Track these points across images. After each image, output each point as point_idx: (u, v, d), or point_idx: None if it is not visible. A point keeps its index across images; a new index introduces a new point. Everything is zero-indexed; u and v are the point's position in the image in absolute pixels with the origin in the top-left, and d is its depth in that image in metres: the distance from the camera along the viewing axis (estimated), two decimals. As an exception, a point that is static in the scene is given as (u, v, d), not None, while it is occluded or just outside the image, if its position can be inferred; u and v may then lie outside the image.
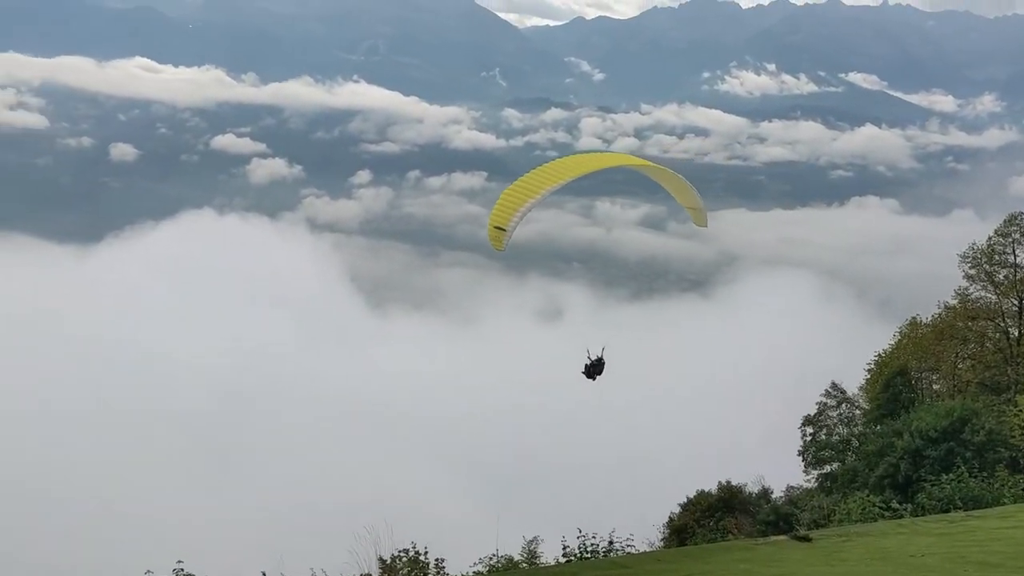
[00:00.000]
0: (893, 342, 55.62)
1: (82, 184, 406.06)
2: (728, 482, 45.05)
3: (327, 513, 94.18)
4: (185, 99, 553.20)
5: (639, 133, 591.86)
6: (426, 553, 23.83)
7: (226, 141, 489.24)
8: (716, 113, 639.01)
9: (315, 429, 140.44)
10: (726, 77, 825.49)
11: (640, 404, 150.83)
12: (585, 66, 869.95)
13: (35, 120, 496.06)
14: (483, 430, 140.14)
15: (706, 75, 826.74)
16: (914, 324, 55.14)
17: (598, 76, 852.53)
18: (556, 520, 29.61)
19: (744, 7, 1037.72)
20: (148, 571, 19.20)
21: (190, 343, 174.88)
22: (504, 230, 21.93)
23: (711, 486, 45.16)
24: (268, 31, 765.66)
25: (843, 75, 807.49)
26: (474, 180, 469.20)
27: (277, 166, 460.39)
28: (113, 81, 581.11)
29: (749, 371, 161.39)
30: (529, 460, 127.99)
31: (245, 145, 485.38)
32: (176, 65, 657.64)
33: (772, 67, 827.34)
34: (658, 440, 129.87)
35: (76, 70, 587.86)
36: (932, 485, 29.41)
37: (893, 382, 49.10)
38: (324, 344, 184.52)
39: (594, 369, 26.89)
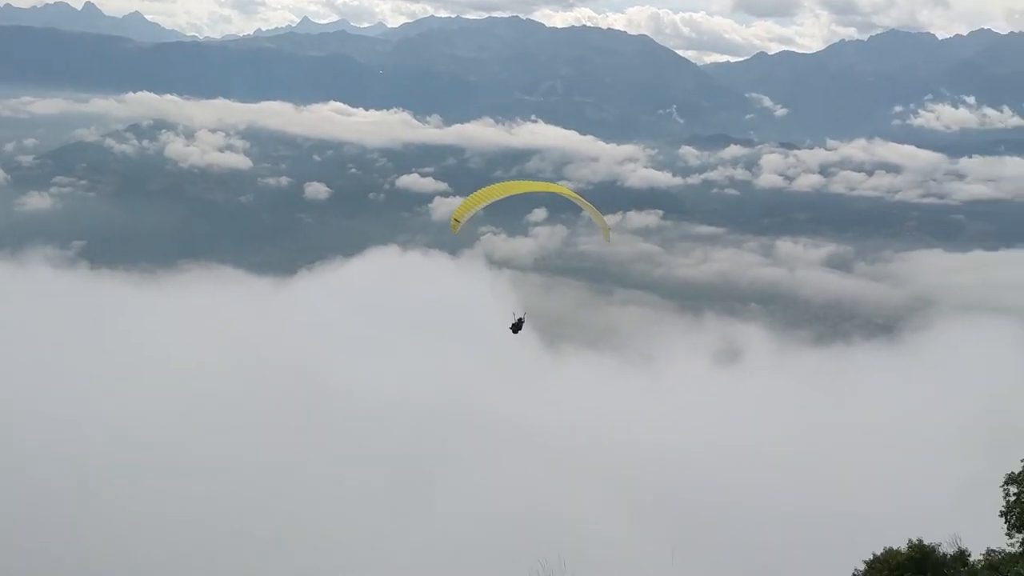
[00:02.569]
0: (1113, 397, 50.67)
1: (279, 220, 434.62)
2: (920, 540, 42.11)
3: (496, 546, 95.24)
4: (374, 140, 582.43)
5: (824, 169, 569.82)
6: (597, 592, 23.66)
7: (410, 180, 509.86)
8: (909, 148, 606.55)
9: (488, 462, 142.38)
10: (920, 111, 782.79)
11: (824, 452, 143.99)
12: (767, 101, 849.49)
13: (240, 160, 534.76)
14: (657, 470, 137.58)
15: (898, 109, 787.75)
16: None
17: (780, 111, 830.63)
18: (733, 568, 28.77)
19: (940, 38, 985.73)
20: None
21: (374, 374, 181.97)
22: (459, 222, 31.52)
23: (901, 544, 42.42)
24: (452, 74, 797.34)
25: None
26: (649, 218, 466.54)
27: (456, 204, 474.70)
28: (309, 124, 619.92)
29: (943, 423, 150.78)
30: (704, 504, 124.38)
31: (428, 184, 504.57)
32: (367, 108, 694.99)
33: (972, 100, 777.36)
34: (842, 491, 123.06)
35: (277, 114, 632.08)
36: None
37: (1113, 441, 44.66)
38: (501, 378, 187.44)
39: (517, 327, 36.03)
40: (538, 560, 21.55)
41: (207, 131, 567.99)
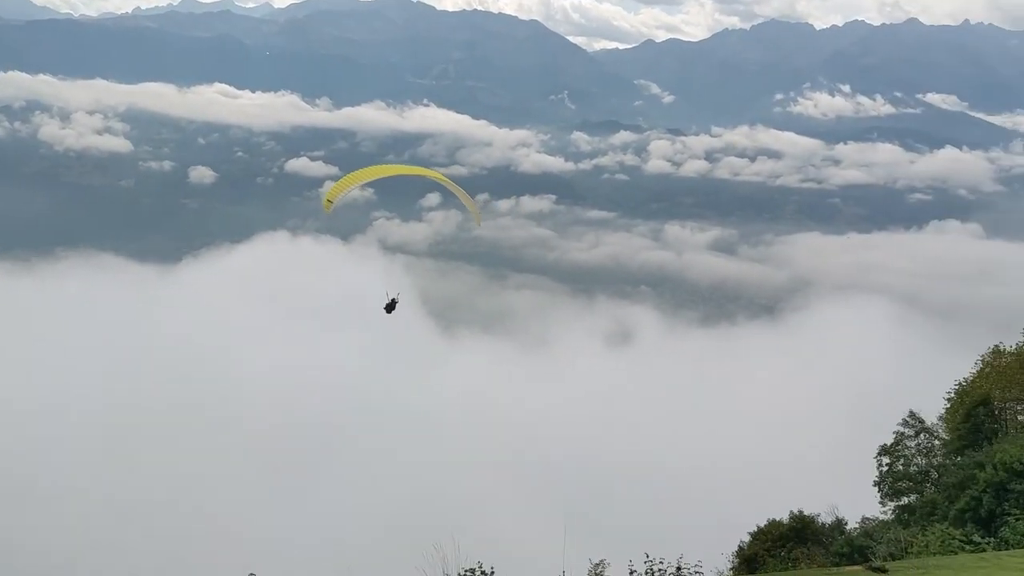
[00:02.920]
0: (975, 371, 53.82)
1: (163, 206, 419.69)
2: (800, 512, 43.95)
3: (394, 531, 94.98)
4: (261, 123, 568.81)
5: (709, 155, 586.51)
6: (492, 573, 23.82)
7: (300, 164, 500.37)
8: (789, 135, 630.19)
9: (383, 446, 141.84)
10: (799, 99, 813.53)
11: (710, 430, 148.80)
12: (655, 88, 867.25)
13: (120, 144, 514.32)
14: (551, 452, 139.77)
15: (779, 97, 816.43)
16: (997, 352, 53.20)
17: (668, 98, 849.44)
18: (623, 543, 29.33)
19: (818, 28, 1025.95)
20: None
21: (263, 362, 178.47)
22: (332, 202, 35.05)
23: (782, 515, 44.16)
24: (342, 57, 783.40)
25: (921, 96, 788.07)
26: (542, 203, 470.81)
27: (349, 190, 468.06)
28: (193, 106, 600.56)
29: (822, 399, 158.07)
30: (596, 482, 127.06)
31: (318, 168, 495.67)
32: (253, 90, 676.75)
33: (847, 88, 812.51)
34: (728, 467, 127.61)
35: (159, 96, 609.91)
36: (1017, 520, 28.30)
37: (975, 412, 47.43)
38: (395, 363, 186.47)
39: (390, 307, 39.47)
40: (432, 543, 21.56)
41: (84, 113, 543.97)
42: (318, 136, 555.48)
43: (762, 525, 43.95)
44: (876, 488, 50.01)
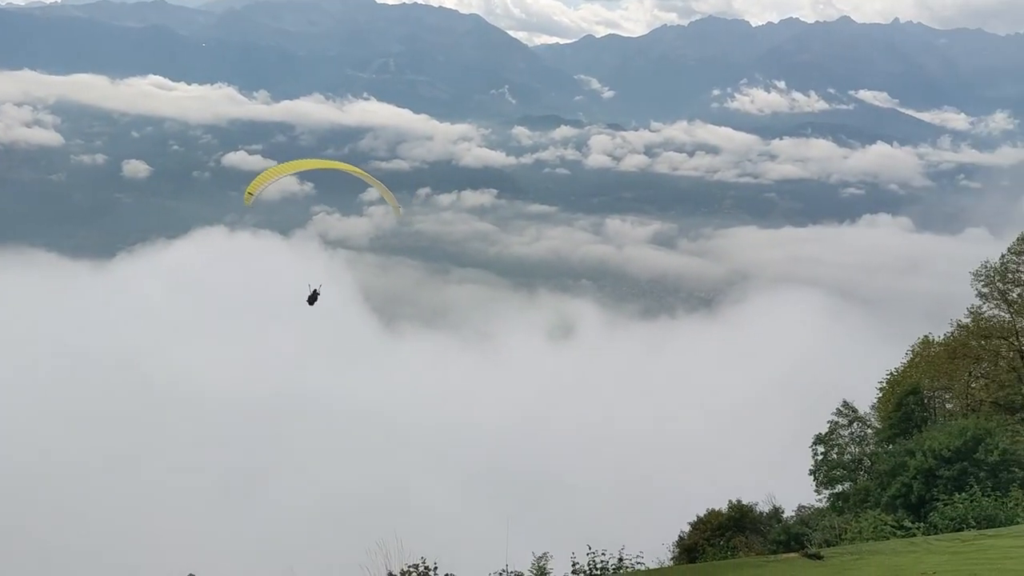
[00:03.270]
0: (905, 361, 55.24)
1: (95, 200, 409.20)
2: (738, 501, 44.73)
3: (336, 528, 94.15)
4: (197, 116, 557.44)
5: (649, 150, 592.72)
6: (435, 569, 23.81)
7: (237, 158, 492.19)
8: (726, 131, 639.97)
9: (326, 444, 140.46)
10: (736, 95, 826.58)
11: (650, 422, 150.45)
12: (595, 83, 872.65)
13: (50, 137, 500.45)
14: (493, 446, 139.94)
15: (716, 92, 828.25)
16: (926, 343, 54.71)
17: (608, 94, 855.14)
18: (566, 536, 29.55)
19: (754, 25, 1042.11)
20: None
21: (201, 359, 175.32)
22: (252, 195, 36.15)
23: (721, 505, 44.89)
24: (280, 49, 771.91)
25: (854, 92, 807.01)
26: (484, 197, 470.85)
27: (288, 183, 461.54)
28: (126, 99, 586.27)
29: (759, 390, 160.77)
30: (539, 476, 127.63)
31: (256, 162, 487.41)
32: (189, 83, 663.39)
33: (782, 84, 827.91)
34: (667, 458, 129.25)
35: (90, 88, 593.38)
36: (945, 505, 29.14)
37: (905, 401, 48.65)
38: (336, 359, 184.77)
39: (312, 299, 41.27)
40: (375, 541, 21.46)
41: (12, 105, 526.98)
42: (256, 129, 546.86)
43: (702, 515, 44.64)
44: (812, 476, 51.06)
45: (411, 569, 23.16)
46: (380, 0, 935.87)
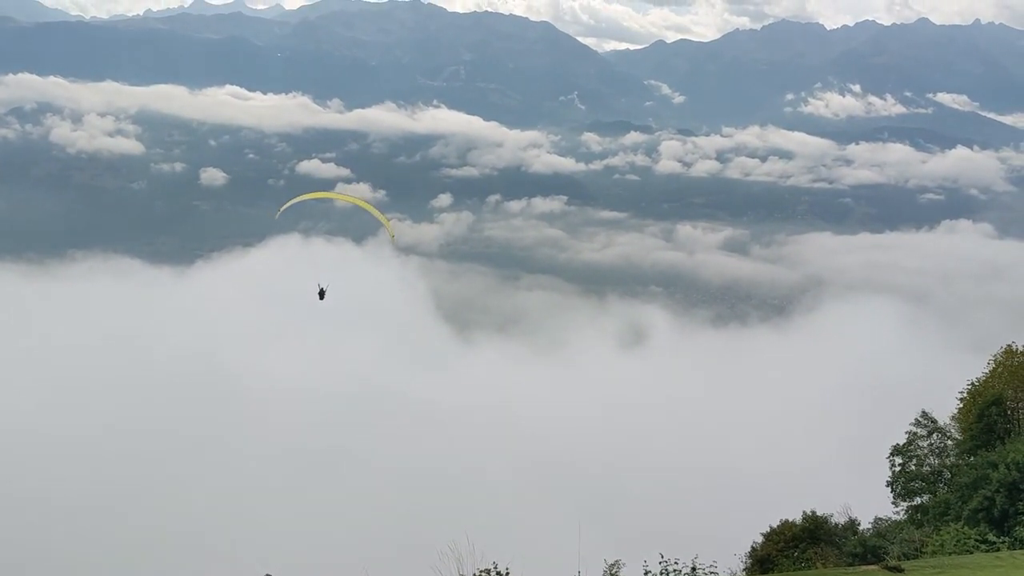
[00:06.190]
0: (987, 370, 53.69)
1: (174, 207, 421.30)
2: (813, 512, 44.01)
3: (410, 530, 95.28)
4: (272, 125, 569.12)
5: (720, 156, 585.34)
6: (508, 573, 23.93)
7: (311, 166, 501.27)
8: (800, 135, 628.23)
9: (399, 449, 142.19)
10: (810, 99, 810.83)
11: (722, 430, 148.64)
12: (665, 89, 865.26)
13: (131, 146, 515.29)
14: (565, 452, 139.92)
15: (789, 97, 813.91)
16: (1010, 352, 53.02)
17: (678, 99, 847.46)
18: (638, 544, 29.55)
19: (828, 28, 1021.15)
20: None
21: (278, 364, 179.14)
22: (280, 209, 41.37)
23: (795, 515, 44.23)
24: (353, 58, 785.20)
25: (932, 95, 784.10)
26: (553, 204, 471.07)
27: (361, 190, 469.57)
28: (204, 108, 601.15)
29: (834, 399, 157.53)
30: (611, 483, 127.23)
31: (330, 170, 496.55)
32: (264, 92, 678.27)
33: (857, 88, 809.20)
34: (741, 467, 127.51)
35: (170, 98, 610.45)
36: (1030, 519, 28.40)
37: (987, 412, 47.34)
38: (410, 365, 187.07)
39: (321, 296, 46.55)
40: (447, 544, 21.69)
41: (96, 115, 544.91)
42: (329, 138, 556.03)
43: (775, 525, 44.04)
44: (889, 488, 50.00)
45: (483, 573, 23.29)
46: (451, 9, 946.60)
